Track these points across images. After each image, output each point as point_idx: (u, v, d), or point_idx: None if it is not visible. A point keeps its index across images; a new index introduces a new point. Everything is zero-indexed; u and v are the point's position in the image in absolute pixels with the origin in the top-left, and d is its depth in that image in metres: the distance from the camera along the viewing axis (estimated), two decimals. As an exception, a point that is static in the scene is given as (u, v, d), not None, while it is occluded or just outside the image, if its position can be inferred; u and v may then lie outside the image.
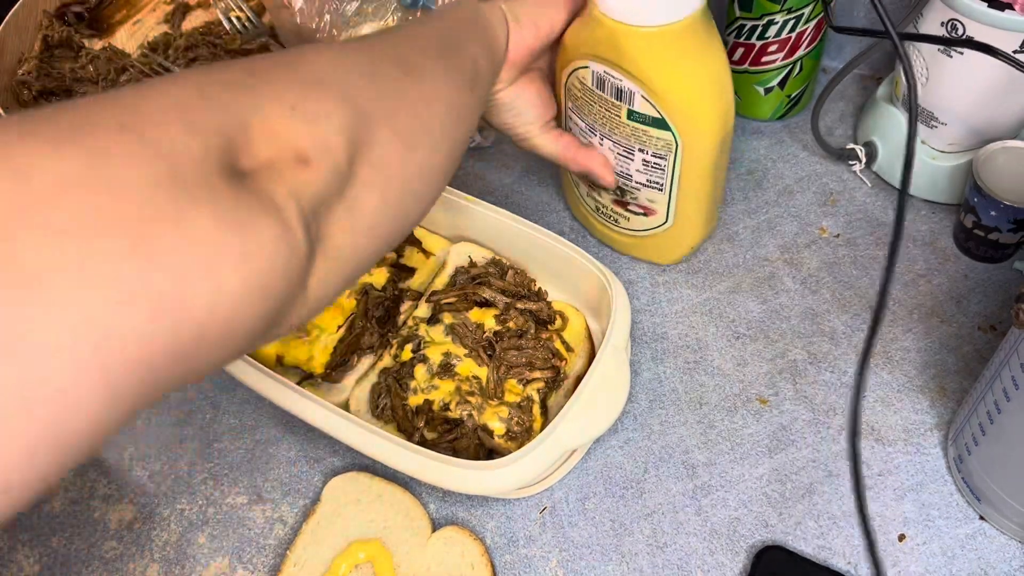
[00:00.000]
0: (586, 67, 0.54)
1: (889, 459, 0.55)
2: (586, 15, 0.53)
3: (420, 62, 0.39)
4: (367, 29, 0.67)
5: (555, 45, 0.56)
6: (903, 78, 0.63)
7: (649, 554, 0.53)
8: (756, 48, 0.67)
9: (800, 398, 0.58)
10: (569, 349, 0.58)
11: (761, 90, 0.71)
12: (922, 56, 0.60)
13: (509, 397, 0.55)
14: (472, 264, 0.62)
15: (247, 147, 0.27)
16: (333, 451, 0.59)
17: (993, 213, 0.59)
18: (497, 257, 0.63)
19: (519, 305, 0.59)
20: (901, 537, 0.52)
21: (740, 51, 0.69)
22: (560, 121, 0.62)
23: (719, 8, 0.65)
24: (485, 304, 0.60)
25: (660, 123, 0.54)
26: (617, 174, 0.59)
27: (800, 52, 0.68)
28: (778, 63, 0.68)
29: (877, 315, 0.40)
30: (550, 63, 0.57)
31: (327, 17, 0.68)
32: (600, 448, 0.57)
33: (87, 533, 0.57)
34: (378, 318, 0.59)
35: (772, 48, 0.67)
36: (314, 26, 0.68)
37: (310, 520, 0.54)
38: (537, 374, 0.56)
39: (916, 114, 0.45)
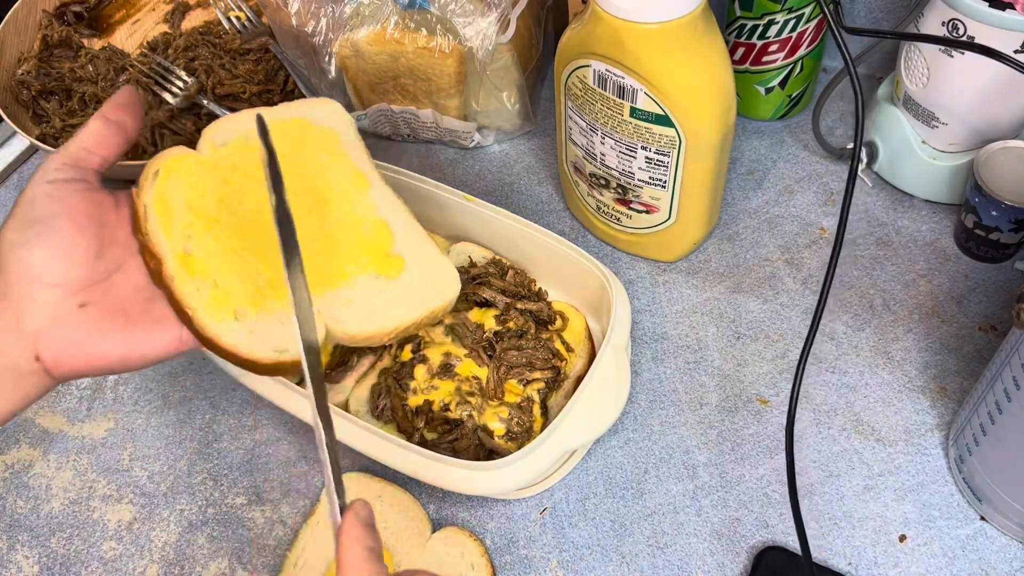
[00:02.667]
0: (587, 66, 0.54)
1: (890, 459, 0.55)
2: (586, 14, 0.53)
3: None
4: (364, 32, 0.67)
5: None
6: (903, 77, 0.63)
7: (649, 555, 0.52)
8: (757, 48, 0.67)
9: (801, 398, 0.58)
10: (569, 349, 0.58)
11: (762, 90, 0.71)
12: (923, 56, 0.60)
13: (509, 397, 0.55)
14: (472, 264, 0.62)
15: None
16: (333, 451, 0.59)
17: (994, 213, 0.59)
18: (497, 257, 0.63)
19: (519, 305, 0.59)
20: (902, 538, 0.52)
21: (741, 51, 0.68)
22: (559, 122, 0.62)
23: (720, 8, 0.65)
24: (485, 304, 0.59)
25: (663, 120, 0.54)
26: (619, 172, 0.59)
27: (801, 52, 0.68)
28: (779, 63, 0.68)
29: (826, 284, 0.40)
30: None
31: (323, 20, 0.68)
32: (600, 448, 0.57)
33: (86, 533, 0.57)
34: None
35: (773, 48, 0.67)
36: (310, 29, 0.68)
37: (310, 520, 0.54)
38: (537, 374, 0.56)
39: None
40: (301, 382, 0.57)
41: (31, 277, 0.37)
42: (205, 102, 0.75)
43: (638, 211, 0.62)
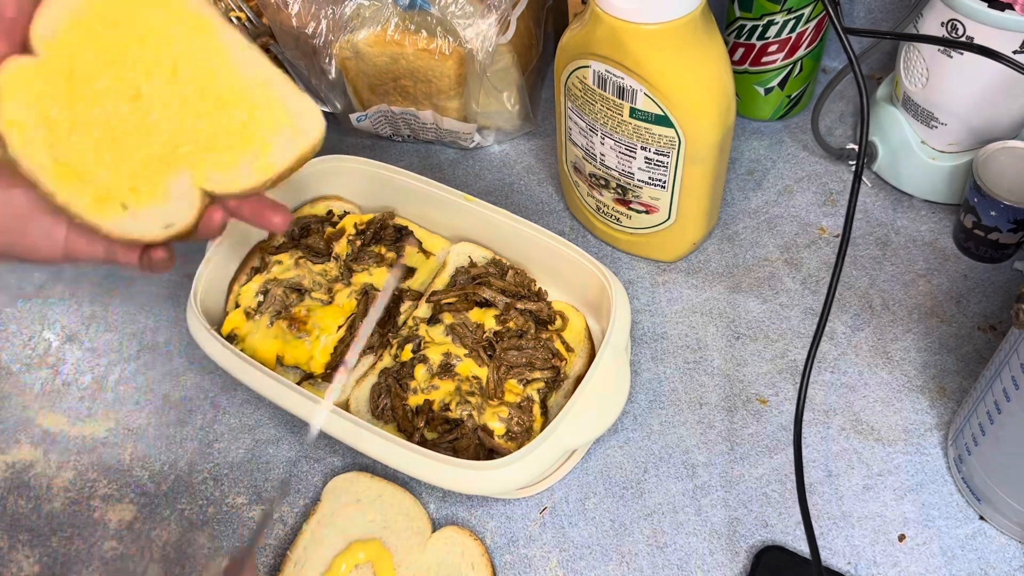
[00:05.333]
0: (586, 66, 0.55)
1: (889, 459, 0.55)
2: (586, 14, 0.53)
3: None
4: (364, 33, 0.67)
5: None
6: (903, 77, 0.63)
7: (649, 554, 0.53)
8: (756, 48, 0.68)
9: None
10: (569, 349, 0.58)
11: (761, 90, 0.71)
12: (922, 56, 0.60)
13: (509, 397, 0.55)
14: (472, 264, 0.62)
15: None
16: (333, 451, 0.59)
17: (993, 213, 0.59)
18: (497, 257, 0.63)
19: (519, 305, 0.59)
20: (901, 537, 0.52)
21: (740, 51, 0.69)
22: (559, 122, 0.62)
23: (719, 8, 0.65)
24: (485, 304, 0.60)
25: (663, 120, 0.54)
26: (619, 172, 0.60)
27: (800, 52, 0.68)
28: (778, 63, 0.68)
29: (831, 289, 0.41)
30: None
31: (324, 22, 0.68)
32: (600, 448, 0.57)
33: (87, 533, 0.57)
34: (378, 318, 0.59)
35: (772, 48, 0.67)
36: (310, 30, 0.68)
37: (310, 520, 0.54)
38: (537, 374, 0.56)
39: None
40: (301, 382, 0.57)
41: None
42: (205, 102, 0.75)
43: (638, 211, 0.62)
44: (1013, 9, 0.53)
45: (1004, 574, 0.50)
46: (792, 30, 0.65)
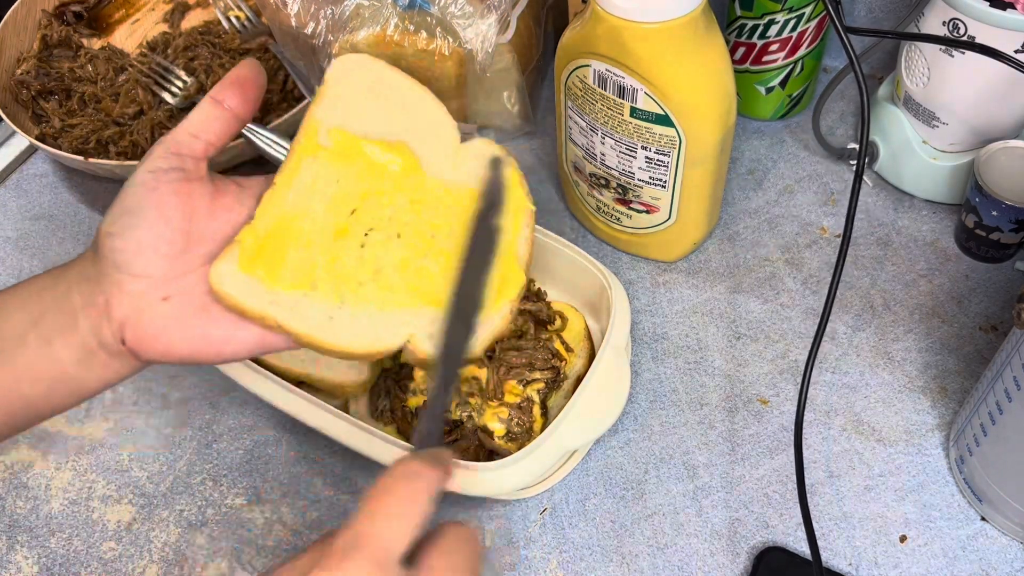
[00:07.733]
0: (587, 65, 0.54)
1: (890, 460, 0.54)
2: (586, 13, 0.53)
3: None
4: (363, 34, 0.67)
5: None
6: (904, 77, 0.63)
7: (650, 555, 0.52)
8: (757, 47, 0.67)
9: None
10: (569, 349, 0.58)
11: (762, 90, 0.71)
12: (924, 56, 0.60)
13: (509, 398, 0.55)
14: (472, 264, 0.62)
15: None
16: (332, 452, 0.59)
17: (994, 213, 0.59)
18: (497, 257, 0.62)
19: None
20: (902, 538, 0.52)
21: (741, 50, 0.68)
22: (559, 122, 0.62)
23: (720, 7, 0.65)
24: (485, 304, 0.59)
25: (664, 120, 0.54)
26: (619, 172, 0.59)
27: (801, 52, 0.68)
28: (779, 62, 0.68)
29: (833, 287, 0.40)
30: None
31: (323, 22, 0.68)
32: (600, 449, 0.57)
33: (86, 533, 0.57)
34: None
35: (773, 47, 0.67)
36: (309, 30, 0.68)
37: (314, 107, 0.42)
38: (537, 375, 0.56)
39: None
40: (300, 384, 0.57)
41: (119, 267, 0.38)
42: (205, 102, 0.75)
43: (638, 211, 0.62)
44: (1015, 8, 0.53)
45: (1005, 575, 0.50)
46: (793, 29, 0.65)
